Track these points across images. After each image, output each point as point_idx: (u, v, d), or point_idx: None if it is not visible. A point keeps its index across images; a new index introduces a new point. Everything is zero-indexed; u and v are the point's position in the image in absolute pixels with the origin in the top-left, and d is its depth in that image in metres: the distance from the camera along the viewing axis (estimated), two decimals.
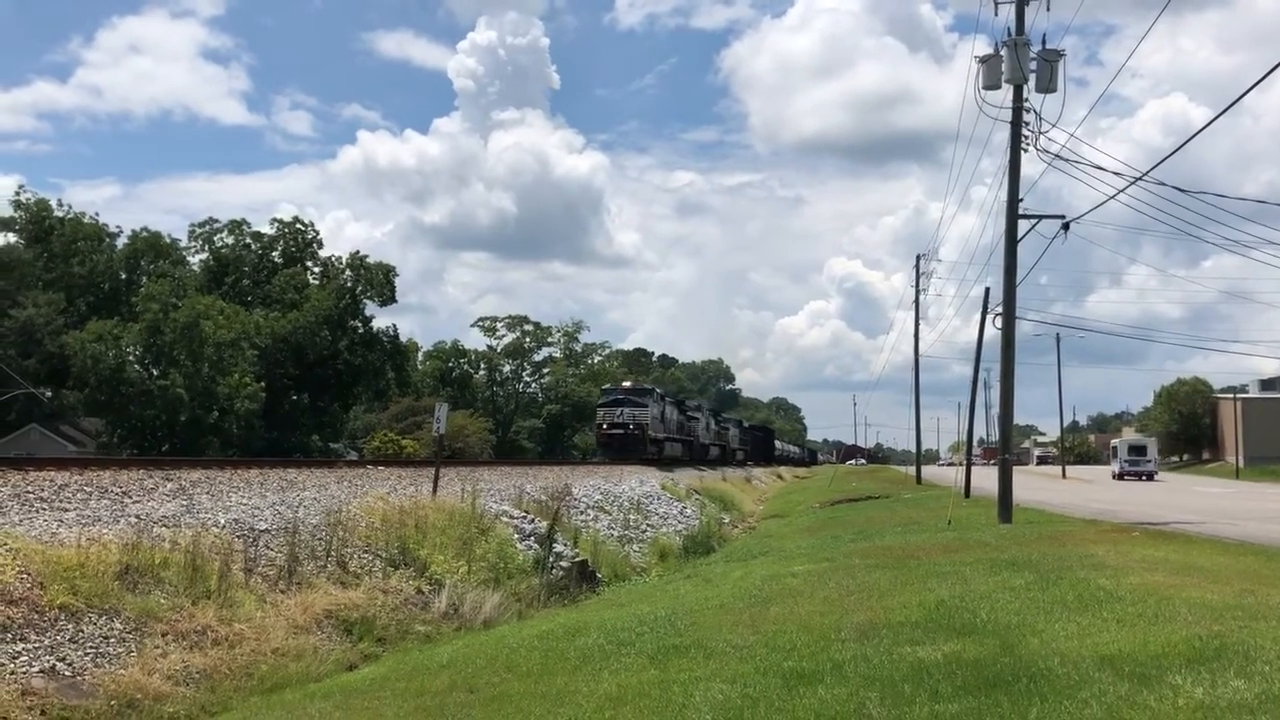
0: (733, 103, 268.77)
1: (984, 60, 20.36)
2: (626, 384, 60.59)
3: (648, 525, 27.41)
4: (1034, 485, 40.99)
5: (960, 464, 34.08)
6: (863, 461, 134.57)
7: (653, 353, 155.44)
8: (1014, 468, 21.61)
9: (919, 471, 53.74)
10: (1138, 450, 62.41)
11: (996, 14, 21.33)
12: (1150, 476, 58.82)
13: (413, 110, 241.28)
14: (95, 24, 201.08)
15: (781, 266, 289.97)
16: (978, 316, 32.15)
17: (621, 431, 51.10)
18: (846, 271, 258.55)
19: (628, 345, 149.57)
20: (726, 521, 34.21)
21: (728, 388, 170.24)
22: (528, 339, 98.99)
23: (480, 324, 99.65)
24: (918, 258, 51.53)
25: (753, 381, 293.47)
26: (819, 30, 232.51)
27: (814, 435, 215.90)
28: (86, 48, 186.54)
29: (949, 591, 10.05)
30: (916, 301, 51.69)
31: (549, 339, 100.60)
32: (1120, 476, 59.38)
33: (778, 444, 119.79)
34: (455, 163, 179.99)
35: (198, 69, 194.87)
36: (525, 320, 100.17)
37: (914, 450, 58.85)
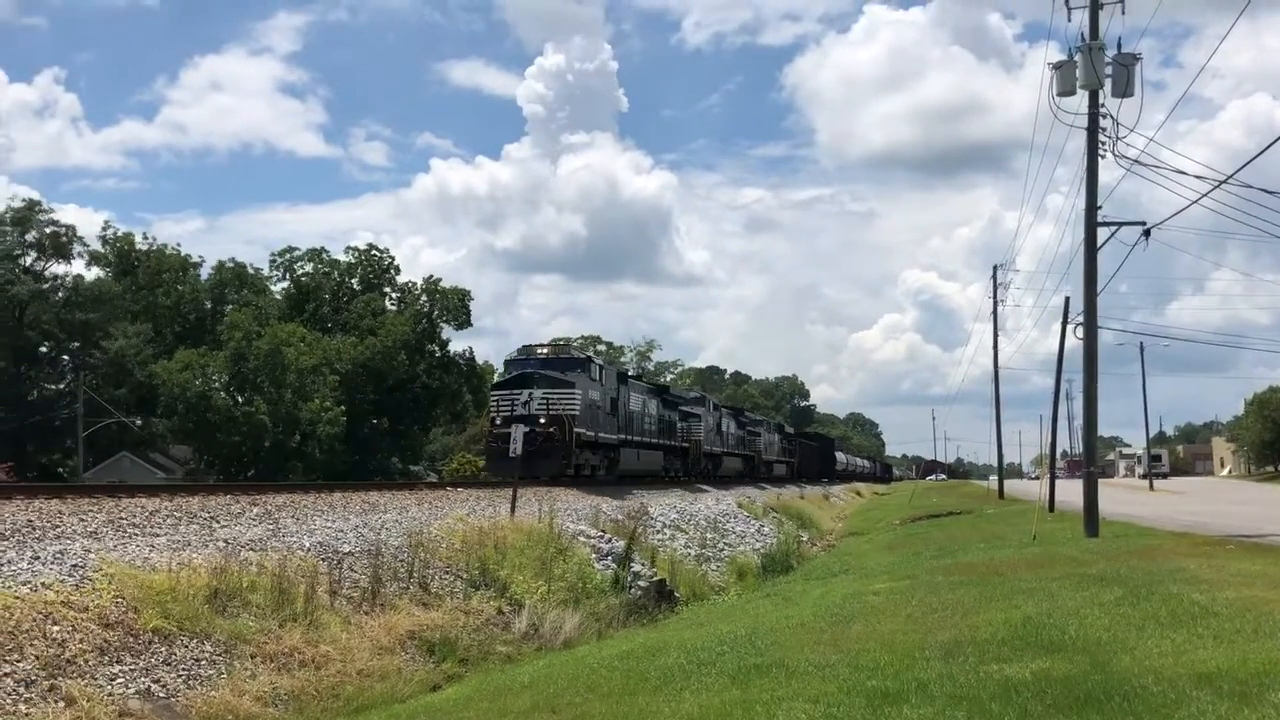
0: (800, 118, 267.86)
1: (1057, 67, 20.04)
2: (541, 348, 33.35)
3: (725, 544, 27.27)
4: (1121, 498, 39.98)
5: (1044, 477, 33.39)
6: (943, 476, 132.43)
7: (725, 370, 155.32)
8: (1099, 480, 21.10)
9: (1001, 486, 52.70)
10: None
11: (1069, 19, 20.95)
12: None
13: (484, 137, 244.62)
14: (179, 64, 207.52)
15: (854, 280, 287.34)
16: (1057, 326, 31.46)
17: (525, 430, 24.47)
18: (921, 284, 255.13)
19: (700, 363, 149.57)
20: (805, 539, 33.89)
21: (802, 404, 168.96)
22: (603, 360, 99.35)
23: None
24: (994, 268, 50.67)
25: (828, 397, 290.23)
26: (884, 43, 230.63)
27: (892, 451, 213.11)
28: (171, 87, 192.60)
29: (1036, 608, 9.83)
30: (995, 312, 50.83)
31: (621, 358, 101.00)
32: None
33: (841, 456, 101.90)
34: (526, 187, 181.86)
35: (276, 103, 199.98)
36: (598, 340, 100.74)
37: (995, 464, 57.74)
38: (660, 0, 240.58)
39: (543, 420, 28.75)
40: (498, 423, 29.44)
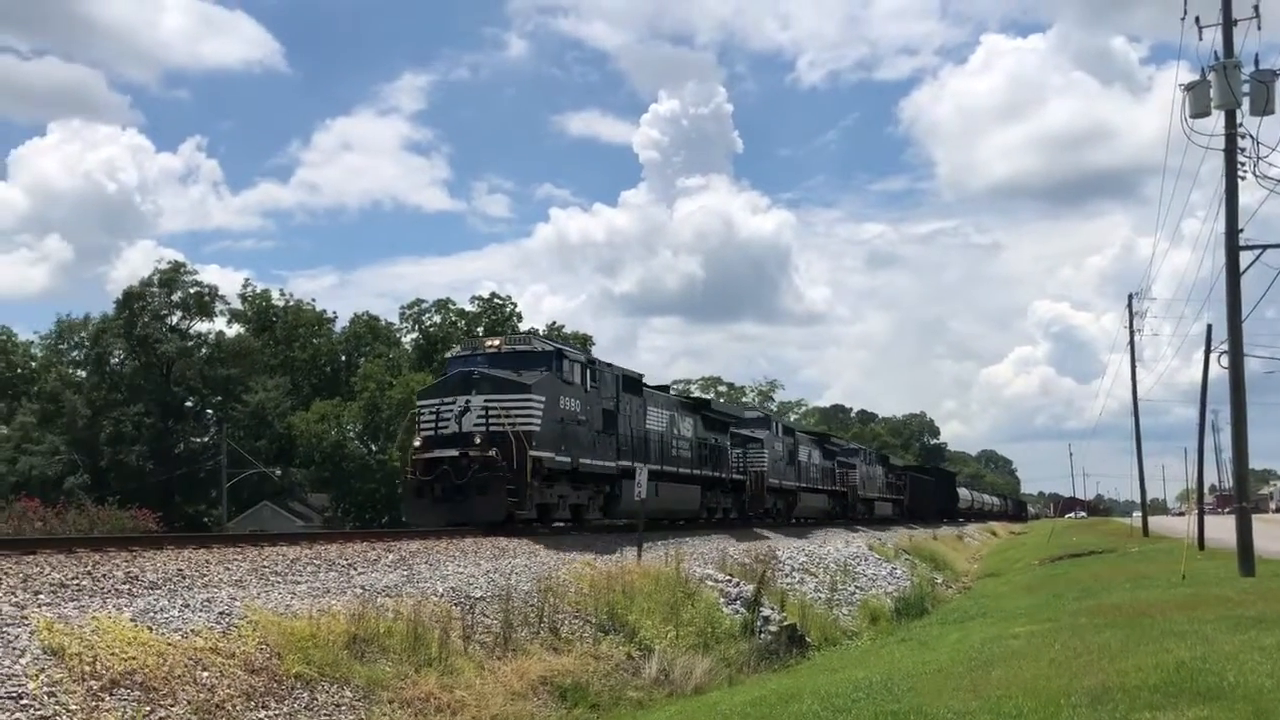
0: (919, 151, 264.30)
1: (1189, 88, 19.38)
2: (493, 339, 23.89)
3: (856, 587, 26.76)
4: (1277, 534, 37.92)
5: (1191, 513, 31.89)
6: (1082, 514, 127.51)
7: (850, 408, 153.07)
8: (1254, 515, 20.05)
9: (1145, 522, 50.50)
10: None
11: (1200, 39, 20.28)
12: None
13: (601, 185, 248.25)
14: (311, 127, 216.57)
15: (982, 313, 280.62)
16: (1199, 355, 30.16)
17: (455, 454, 20.27)
18: (1053, 315, 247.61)
19: (824, 402, 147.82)
20: (939, 581, 33.02)
21: (932, 442, 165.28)
22: (722, 400, 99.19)
23: (674, 387, 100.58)
24: (1129, 297, 48.87)
25: (958, 434, 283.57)
26: (1003, 72, 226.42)
27: (1028, 488, 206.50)
28: (304, 149, 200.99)
29: (1189, 652, 9.36)
30: (1131, 343, 48.94)
31: (743, 399, 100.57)
32: None
33: (965, 493, 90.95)
34: (643, 232, 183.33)
35: (403, 161, 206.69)
36: (718, 381, 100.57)
37: (1138, 500, 55.40)
38: (773, 42, 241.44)
39: (478, 440, 19.93)
40: (417, 445, 20.89)
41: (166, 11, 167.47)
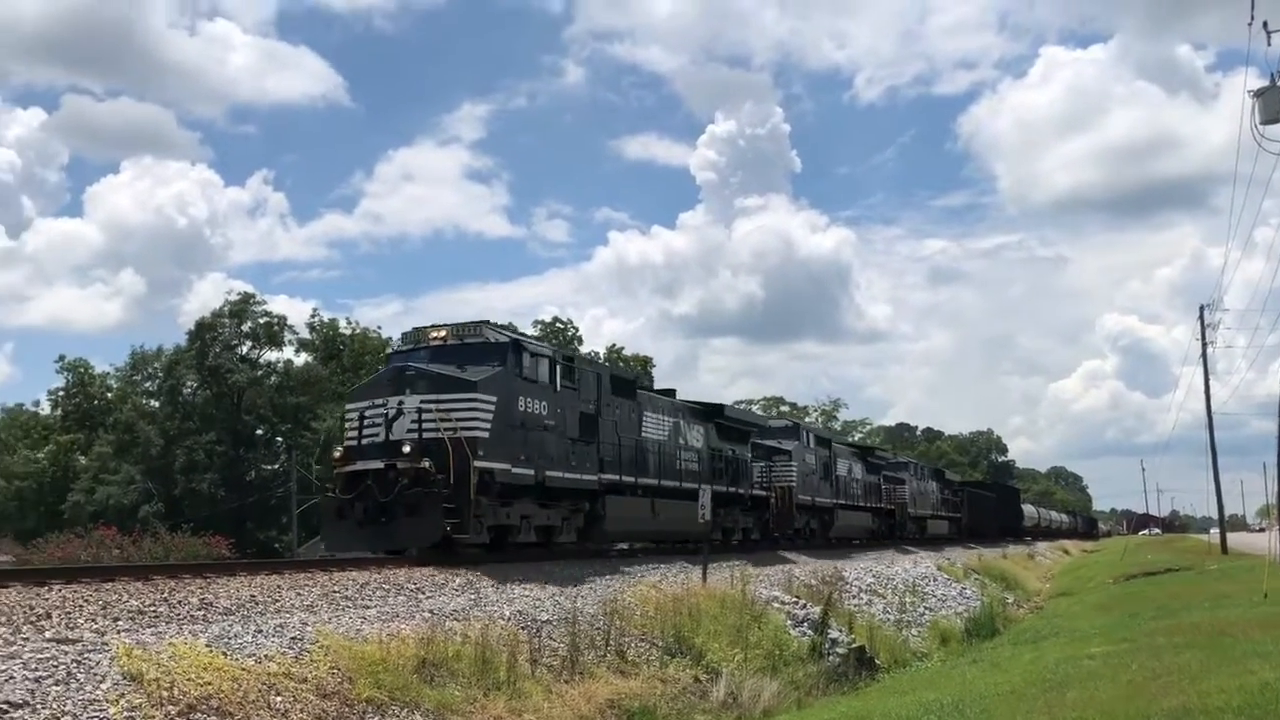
0: (979, 166, 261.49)
1: (1259, 94, 19.03)
2: (439, 329, 19.33)
3: (925, 608, 26.39)
4: None
5: (1272, 529, 31.02)
6: (1157, 531, 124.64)
7: (916, 427, 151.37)
8: None
9: (1224, 539, 49.16)
10: None
11: (1269, 44, 19.93)
12: None
13: (659, 207, 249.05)
14: (374, 159, 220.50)
15: (1048, 328, 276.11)
16: (1276, 367, 29.42)
17: (379, 466, 17.12)
18: (1121, 328, 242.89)
19: (889, 420, 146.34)
20: (1010, 601, 32.44)
21: (1000, 459, 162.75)
22: (786, 421, 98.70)
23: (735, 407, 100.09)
24: (1201, 309, 47.90)
25: (1026, 451, 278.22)
26: (1063, 83, 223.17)
27: (1100, 505, 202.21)
28: (368, 180, 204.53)
29: (1274, 673, 9.10)
30: (1204, 355, 47.94)
31: (806, 419, 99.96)
32: None
33: (1030, 509, 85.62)
34: (701, 253, 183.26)
35: (464, 189, 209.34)
36: (780, 401, 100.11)
37: (1215, 516, 54.01)
38: (830, 60, 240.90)
39: (407, 449, 16.79)
40: (337, 456, 18.25)
41: (234, 50, 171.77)
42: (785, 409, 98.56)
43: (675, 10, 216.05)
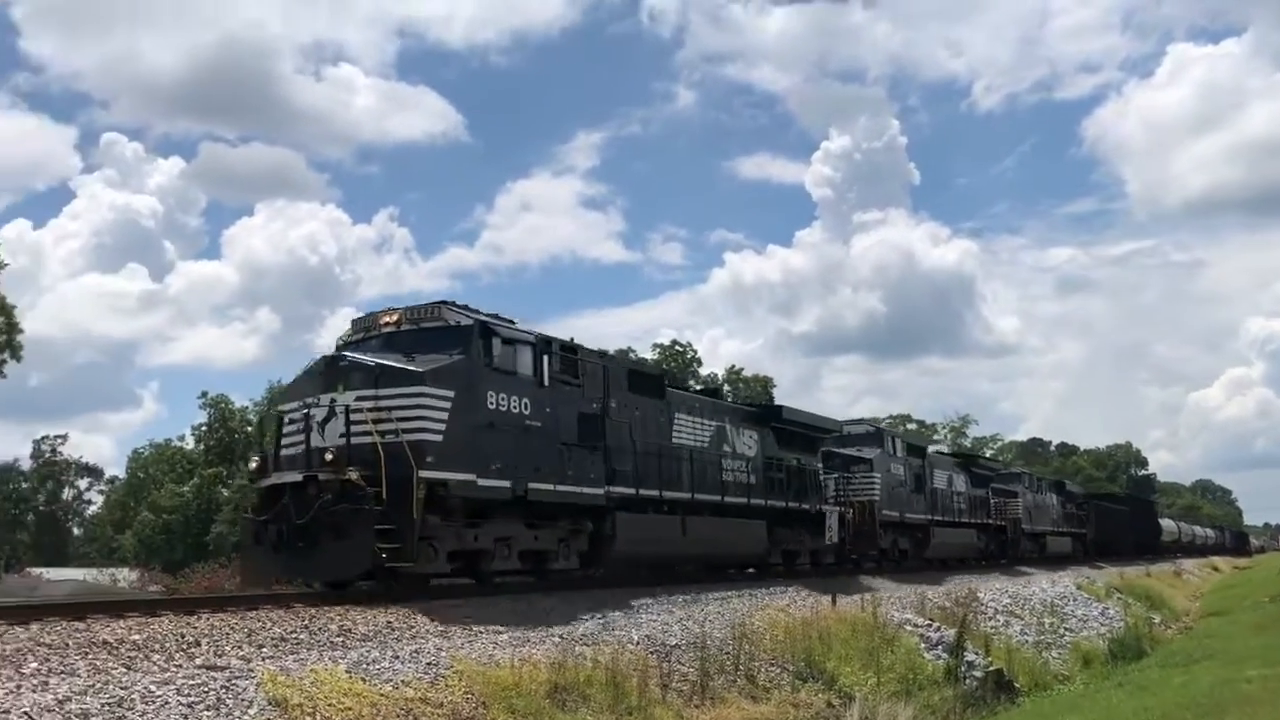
0: (1106, 170, 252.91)
1: None
2: (390, 314, 16.29)
3: (1065, 629, 25.49)
4: None
5: None
6: None
7: (1049, 441, 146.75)
8: None
9: None
10: None
11: None
12: None
13: (774, 226, 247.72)
14: (494, 192, 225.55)
15: (1187, 335, 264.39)
16: None
17: (298, 479, 14.26)
18: (1269, 333, 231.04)
19: (1021, 435, 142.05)
20: (1156, 621, 31.12)
21: (1140, 473, 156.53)
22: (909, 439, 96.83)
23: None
24: None
25: (1168, 464, 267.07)
26: (1194, 81, 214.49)
27: (1251, 519, 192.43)
28: (488, 213, 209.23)
29: None
30: None
31: (934, 436, 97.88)
32: None
33: (1169, 524, 78.27)
34: (820, 270, 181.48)
35: (579, 217, 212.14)
36: (907, 419, 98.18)
37: None
38: (946, 70, 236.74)
39: (330, 457, 13.90)
40: (253, 467, 15.76)
41: (357, 93, 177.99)
42: (911, 426, 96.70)
43: (785, 29, 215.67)
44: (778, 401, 36.18)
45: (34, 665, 9.03)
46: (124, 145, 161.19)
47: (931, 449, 39.60)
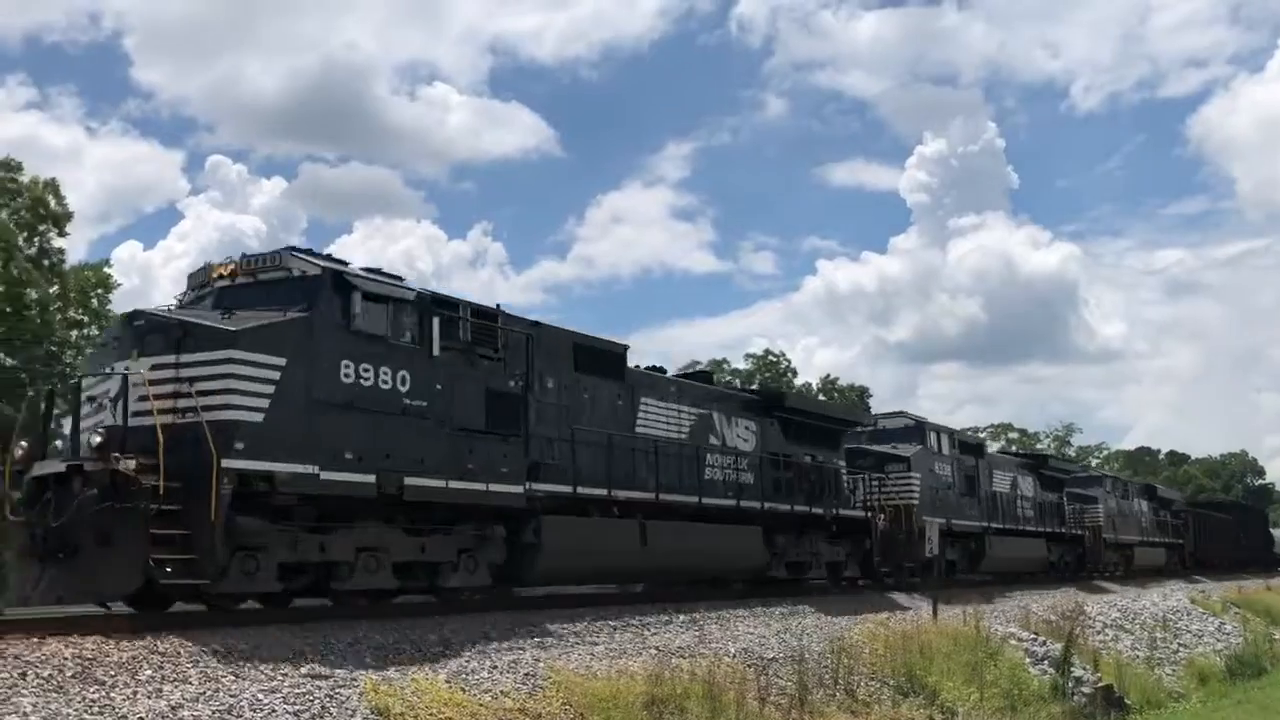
0: (1214, 169, 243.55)
1: None
2: (223, 267, 12.94)
3: (1179, 644, 24.61)
4: None
5: None
6: None
7: (1158, 450, 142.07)
8: None
9: None
10: None
11: None
12: None
13: (868, 232, 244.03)
14: (584, 205, 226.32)
15: None
16: None
17: (61, 469, 11.00)
18: None
19: (1128, 444, 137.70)
20: (1278, 638, 29.85)
21: (1256, 483, 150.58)
22: (1014, 447, 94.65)
23: None
24: None
25: None
26: None
27: None
28: (579, 226, 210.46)
29: None
30: None
31: (1038, 445, 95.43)
32: None
33: None
34: (916, 277, 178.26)
35: (670, 228, 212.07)
36: (1009, 428, 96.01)
37: None
38: (1043, 71, 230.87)
39: (96, 441, 10.93)
40: (19, 454, 11.88)
41: (452, 111, 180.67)
42: (1013, 436, 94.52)
43: (877, 34, 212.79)
44: (874, 411, 31.25)
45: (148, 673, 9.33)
46: (229, 167, 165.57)
47: (994, 448, 34.94)
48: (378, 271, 13.71)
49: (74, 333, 36.54)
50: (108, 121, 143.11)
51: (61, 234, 35.38)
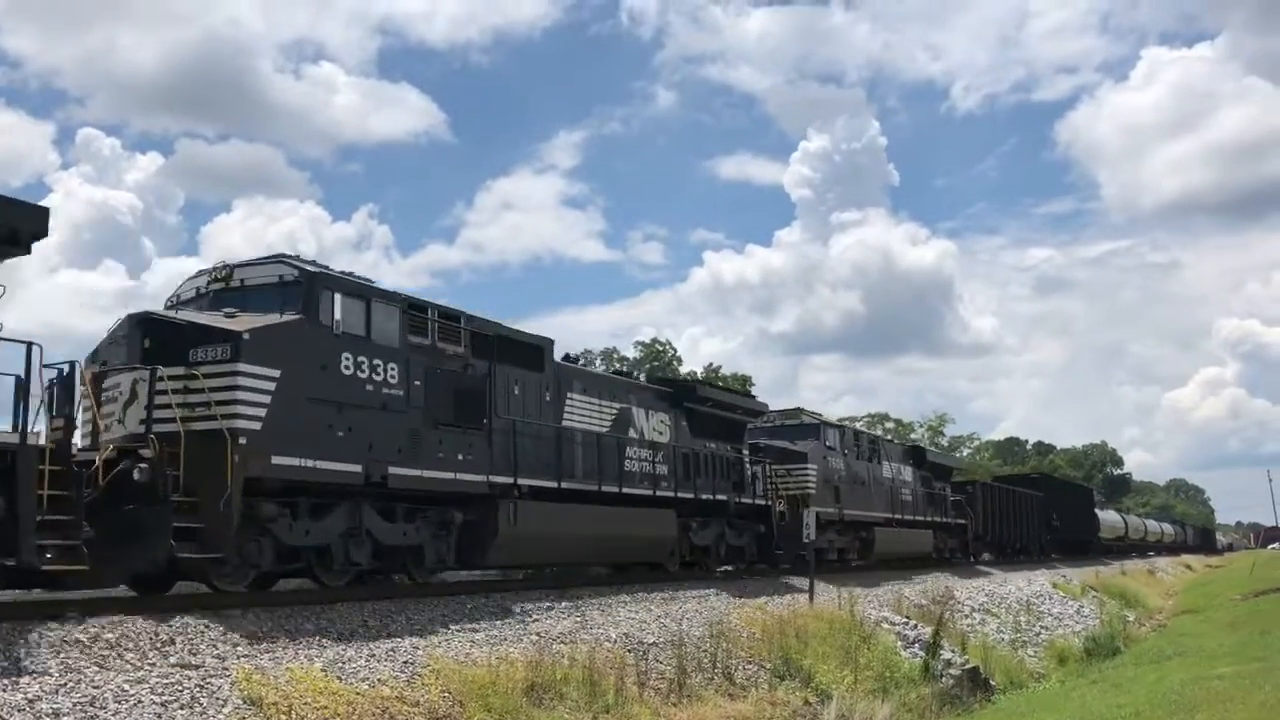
0: (1082, 171, 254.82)
1: None
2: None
3: (1041, 627, 25.68)
4: None
5: None
6: None
7: (1026, 441, 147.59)
8: None
9: None
10: None
11: None
12: None
13: (754, 226, 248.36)
14: (473, 190, 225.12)
15: (1163, 335, 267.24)
16: None
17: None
18: (1241, 333, 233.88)
19: (998, 435, 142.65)
20: (1131, 620, 31.38)
21: (1116, 472, 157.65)
22: (891, 436, 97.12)
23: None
24: None
25: (1144, 463, 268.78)
26: (1168, 84, 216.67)
27: (1224, 518, 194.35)
28: (468, 211, 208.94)
29: None
30: None
31: (911, 435, 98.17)
32: None
33: (1112, 517, 66.95)
34: (798, 270, 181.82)
35: (560, 216, 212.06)
36: (885, 418, 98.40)
37: None
38: (925, 72, 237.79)
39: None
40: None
41: (337, 91, 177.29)
42: (890, 425, 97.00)
43: (765, 31, 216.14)
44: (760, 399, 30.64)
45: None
46: (101, 141, 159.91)
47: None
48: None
49: None
50: None
51: None
